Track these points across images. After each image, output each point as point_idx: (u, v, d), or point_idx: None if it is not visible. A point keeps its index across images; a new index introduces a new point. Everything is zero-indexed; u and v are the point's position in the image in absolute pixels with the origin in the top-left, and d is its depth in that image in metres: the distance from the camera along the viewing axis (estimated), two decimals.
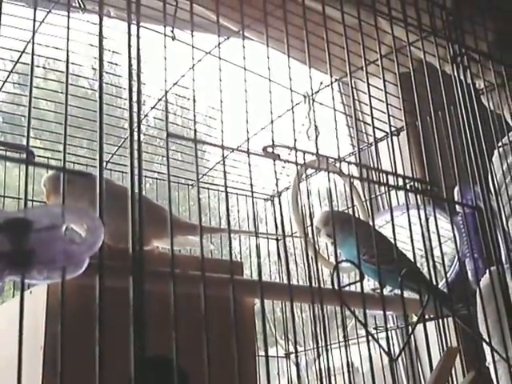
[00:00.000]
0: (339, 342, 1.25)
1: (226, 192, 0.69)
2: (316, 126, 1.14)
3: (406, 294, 1.09)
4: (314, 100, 1.22)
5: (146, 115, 1.40)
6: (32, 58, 0.67)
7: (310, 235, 1.22)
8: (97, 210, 0.56)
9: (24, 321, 0.51)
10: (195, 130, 0.72)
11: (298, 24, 0.92)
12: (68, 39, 0.66)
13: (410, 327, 0.89)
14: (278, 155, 0.76)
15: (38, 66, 1.33)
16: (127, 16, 0.65)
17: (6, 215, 0.54)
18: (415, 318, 0.99)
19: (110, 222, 0.58)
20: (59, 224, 0.55)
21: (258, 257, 0.69)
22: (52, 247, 0.54)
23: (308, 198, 0.80)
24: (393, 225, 0.82)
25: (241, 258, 1.49)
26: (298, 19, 0.92)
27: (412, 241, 0.82)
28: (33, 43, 0.69)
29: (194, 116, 0.74)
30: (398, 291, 1.05)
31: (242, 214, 1.59)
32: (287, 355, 1.51)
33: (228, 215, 0.70)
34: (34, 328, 0.78)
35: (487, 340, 0.90)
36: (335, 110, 0.92)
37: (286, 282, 1.48)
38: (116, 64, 1.31)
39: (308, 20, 0.87)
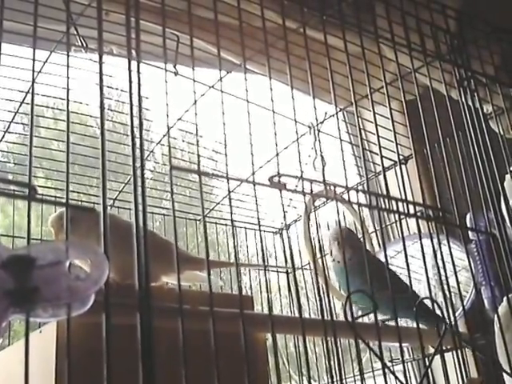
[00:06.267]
0: (354, 376, 1.22)
1: (233, 225, 0.69)
2: (322, 157, 1.13)
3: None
4: (319, 130, 1.21)
5: (151, 152, 1.39)
6: (32, 96, 0.67)
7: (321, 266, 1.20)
8: (101, 245, 0.55)
9: (34, 360, 0.50)
10: (199, 162, 0.71)
11: (299, 54, 0.92)
12: (68, 77, 0.66)
13: (426, 359, 0.86)
14: (285, 185, 0.75)
15: (47, 107, 1.33)
16: (127, 52, 0.65)
17: (9, 252, 0.53)
18: (431, 350, 0.97)
19: (116, 257, 0.57)
20: (63, 260, 0.54)
21: (268, 291, 0.67)
22: (56, 284, 0.53)
23: (317, 230, 0.79)
24: (406, 254, 0.80)
25: (251, 293, 1.47)
26: (299, 49, 0.92)
27: (426, 271, 0.80)
28: (33, 82, 0.69)
29: (198, 148, 0.74)
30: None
31: (251, 248, 1.58)
32: None
33: (236, 249, 0.69)
34: (45, 367, 0.76)
35: (507, 369, 0.88)
36: (341, 140, 0.91)
37: (297, 315, 1.46)
38: (123, 102, 1.31)
39: (309, 49, 0.87)
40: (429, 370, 0.79)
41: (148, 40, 0.99)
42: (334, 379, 0.68)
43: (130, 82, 0.64)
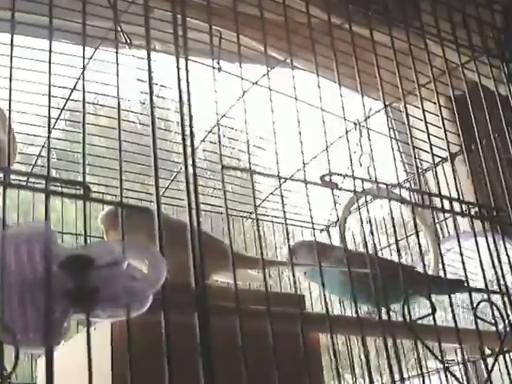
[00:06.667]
0: (409, 377, 1.20)
1: (286, 224, 0.68)
2: (370, 154, 1.11)
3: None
4: (366, 127, 1.20)
5: (196, 148, 1.39)
6: (83, 95, 0.67)
7: None
8: (156, 244, 0.55)
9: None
10: (249, 161, 0.71)
11: (343, 50, 0.91)
12: (118, 75, 0.66)
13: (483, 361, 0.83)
14: (336, 184, 0.74)
15: (88, 103, 1.34)
16: (175, 49, 0.65)
17: (68, 252, 0.53)
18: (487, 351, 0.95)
19: (168, 256, 0.56)
20: (120, 260, 0.54)
21: (323, 291, 0.67)
22: (114, 284, 0.53)
23: (369, 226, 0.77)
24: (461, 253, 0.78)
25: (300, 290, 1.46)
26: (343, 45, 0.91)
27: (483, 271, 0.78)
28: (83, 79, 0.69)
29: (248, 147, 0.74)
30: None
31: None
32: None
33: (289, 249, 0.69)
34: (101, 365, 0.75)
35: None
36: (391, 137, 0.90)
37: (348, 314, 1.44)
38: (163, 98, 1.31)
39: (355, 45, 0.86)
40: (485, 373, 0.77)
41: (190, 36, 0.99)
42: (394, 379, 0.66)
43: (179, 79, 0.64)
